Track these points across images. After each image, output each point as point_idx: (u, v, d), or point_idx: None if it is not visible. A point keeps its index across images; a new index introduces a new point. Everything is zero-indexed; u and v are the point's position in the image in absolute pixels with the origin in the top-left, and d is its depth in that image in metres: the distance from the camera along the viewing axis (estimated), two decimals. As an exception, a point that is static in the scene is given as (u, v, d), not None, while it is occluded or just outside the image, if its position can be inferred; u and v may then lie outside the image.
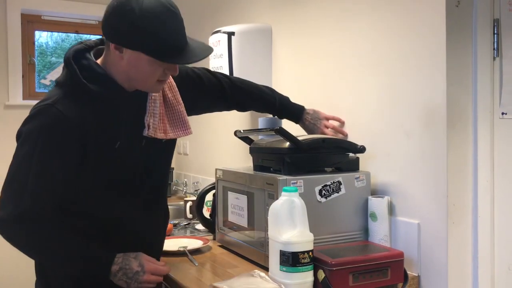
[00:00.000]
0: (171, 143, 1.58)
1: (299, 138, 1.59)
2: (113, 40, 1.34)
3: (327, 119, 1.85)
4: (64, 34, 3.67)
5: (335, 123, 1.85)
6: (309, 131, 1.86)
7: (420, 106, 1.52)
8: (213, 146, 2.99)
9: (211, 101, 1.77)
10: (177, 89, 1.56)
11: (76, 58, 1.38)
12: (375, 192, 1.68)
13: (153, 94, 1.46)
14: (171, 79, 1.54)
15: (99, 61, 1.41)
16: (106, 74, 1.38)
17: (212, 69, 2.30)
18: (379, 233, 1.59)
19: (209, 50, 1.42)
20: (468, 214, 1.48)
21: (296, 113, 1.86)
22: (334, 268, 1.36)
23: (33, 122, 1.35)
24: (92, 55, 1.41)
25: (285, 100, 1.87)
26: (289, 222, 1.38)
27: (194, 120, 1.75)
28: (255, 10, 2.46)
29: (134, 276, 1.38)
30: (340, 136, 1.82)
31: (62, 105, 1.34)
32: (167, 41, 1.31)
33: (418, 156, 1.53)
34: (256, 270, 1.49)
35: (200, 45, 1.41)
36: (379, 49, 1.67)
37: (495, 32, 1.49)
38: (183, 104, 1.56)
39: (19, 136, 1.37)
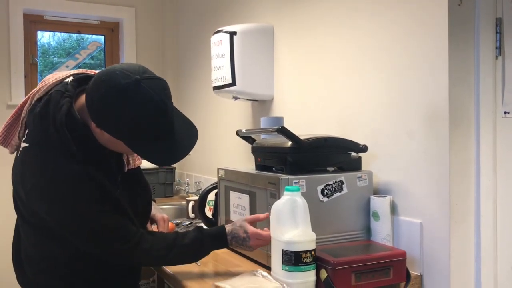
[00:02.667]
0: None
1: (301, 138, 1.59)
2: (98, 125, 1.33)
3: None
4: (66, 34, 3.67)
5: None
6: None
7: (423, 105, 1.52)
8: (215, 146, 2.99)
9: None
10: None
11: (67, 124, 1.33)
12: (377, 192, 1.68)
13: None
14: None
15: (78, 105, 1.38)
16: (95, 140, 1.37)
17: (213, 69, 2.31)
18: (382, 233, 1.59)
19: (190, 147, 1.40)
20: (471, 213, 1.48)
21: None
22: (337, 268, 1.36)
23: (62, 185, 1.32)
24: (75, 109, 1.36)
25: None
26: (291, 221, 1.38)
27: (196, 119, 1.75)
28: (257, 10, 2.46)
29: (244, 242, 1.50)
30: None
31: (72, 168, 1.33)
32: (151, 141, 1.32)
33: (420, 155, 1.53)
34: (258, 270, 1.49)
35: (186, 139, 1.39)
36: (381, 49, 1.67)
37: (498, 31, 1.49)
38: None
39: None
